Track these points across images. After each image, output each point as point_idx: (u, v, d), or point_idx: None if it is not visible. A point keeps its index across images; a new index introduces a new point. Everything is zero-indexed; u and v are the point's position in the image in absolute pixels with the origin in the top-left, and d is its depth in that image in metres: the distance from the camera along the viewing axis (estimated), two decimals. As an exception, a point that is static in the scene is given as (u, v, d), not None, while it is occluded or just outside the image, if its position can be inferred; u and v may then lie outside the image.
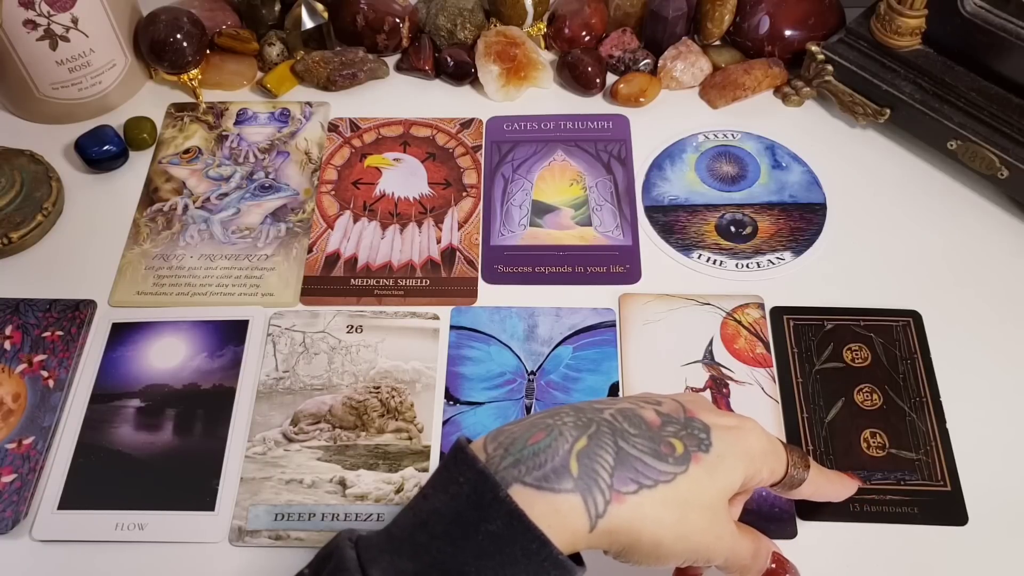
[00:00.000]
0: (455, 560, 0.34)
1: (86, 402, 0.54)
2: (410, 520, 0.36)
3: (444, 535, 0.35)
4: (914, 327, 0.57)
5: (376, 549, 0.35)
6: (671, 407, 0.40)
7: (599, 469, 0.36)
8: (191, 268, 0.61)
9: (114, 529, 0.50)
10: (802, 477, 0.43)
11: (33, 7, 0.61)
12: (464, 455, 0.36)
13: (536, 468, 0.35)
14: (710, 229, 0.62)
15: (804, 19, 0.69)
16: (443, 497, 0.36)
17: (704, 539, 0.38)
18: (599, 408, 0.39)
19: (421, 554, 0.35)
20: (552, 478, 0.35)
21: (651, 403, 0.40)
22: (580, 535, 0.35)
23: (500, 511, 0.34)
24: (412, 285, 0.60)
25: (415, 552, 0.35)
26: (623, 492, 0.36)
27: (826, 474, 0.46)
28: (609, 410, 0.39)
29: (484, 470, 0.35)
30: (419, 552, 0.35)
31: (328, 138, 0.68)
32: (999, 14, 0.58)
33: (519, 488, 0.35)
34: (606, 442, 0.37)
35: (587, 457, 0.36)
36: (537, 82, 0.71)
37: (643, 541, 0.36)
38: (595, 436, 0.37)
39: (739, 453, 0.40)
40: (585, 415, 0.38)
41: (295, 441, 0.53)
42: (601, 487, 0.35)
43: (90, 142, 0.65)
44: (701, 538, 0.38)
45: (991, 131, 0.60)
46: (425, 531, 0.35)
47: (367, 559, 0.35)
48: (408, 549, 0.35)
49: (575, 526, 0.35)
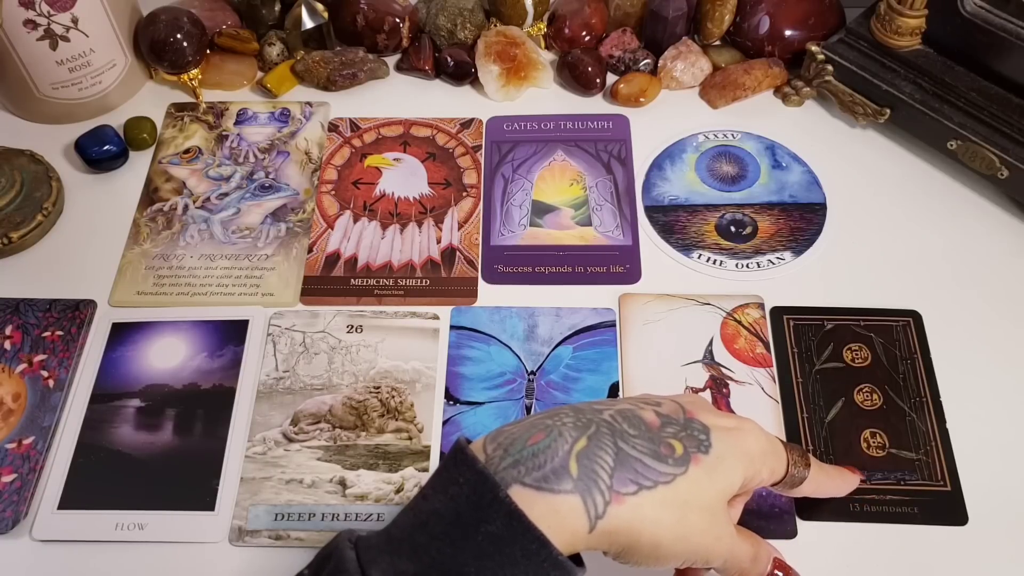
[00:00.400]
0: (455, 561, 0.34)
1: (86, 402, 0.54)
2: (410, 521, 0.36)
3: (444, 536, 0.35)
4: (914, 327, 0.57)
5: (376, 550, 0.35)
6: (670, 408, 0.40)
7: (599, 470, 0.36)
8: (191, 268, 0.61)
9: (114, 529, 0.50)
10: (803, 475, 0.43)
11: (33, 7, 0.61)
12: (464, 456, 0.36)
13: (536, 469, 0.35)
14: (710, 229, 0.62)
15: (804, 19, 0.69)
16: (443, 498, 0.36)
17: (703, 540, 0.38)
18: (598, 409, 0.39)
19: (421, 555, 0.35)
20: (552, 479, 0.35)
21: (651, 404, 0.40)
22: (579, 536, 0.35)
23: (500, 512, 0.34)
24: (412, 285, 0.60)
25: (415, 553, 0.35)
26: (623, 493, 0.36)
27: (827, 470, 0.46)
28: (609, 411, 0.39)
29: (484, 471, 0.35)
30: (419, 553, 0.35)
31: (328, 138, 0.68)
32: (999, 14, 0.58)
33: (519, 489, 0.35)
34: (606, 443, 0.37)
35: (587, 458, 0.36)
36: (537, 82, 0.71)
37: (642, 542, 0.36)
38: (595, 437, 0.37)
39: (738, 454, 0.40)
40: (585, 416, 0.38)
41: (295, 441, 0.53)
42: (601, 488, 0.35)
43: (90, 142, 0.65)
44: (700, 539, 0.38)
45: (991, 131, 0.60)
46: (425, 532, 0.35)
47: (367, 560, 0.35)
48: (408, 550, 0.35)
49: (575, 527, 0.35)
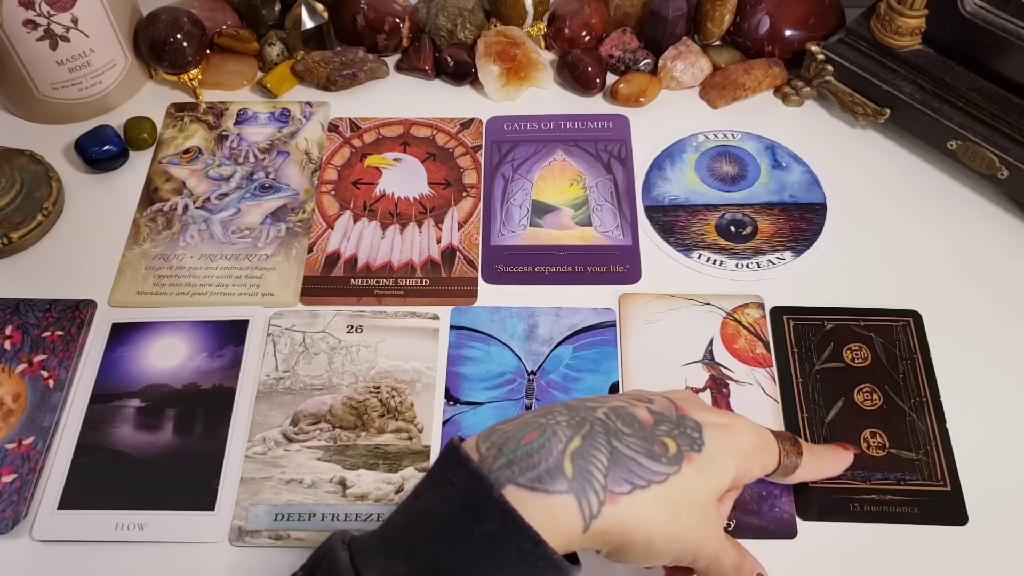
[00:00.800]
0: (449, 561, 0.34)
1: (86, 402, 0.54)
2: (403, 521, 0.36)
3: (437, 536, 0.35)
4: (914, 327, 0.57)
5: (369, 551, 0.35)
6: (663, 405, 0.40)
7: (593, 470, 0.36)
8: (191, 268, 0.61)
9: (114, 529, 0.50)
10: (796, 464, 0.43)
11: (33, 7, 0.61)
12: (457, 455, 0.36)
13: (530, 469, 0.35)
14: (710, 229, 0.62)
15: (804, 19, 0.69)
16: (436, 497, 0.36)
17: (694, 538, 0.38)
18: (592, 407, 0.39)
19: (414, 555, 0.35)
20: (546, 479, 0.35)
21: (643, 401, 0.40)
22: (574, 536, 0.35)
23: (494, 512, 0.34)
24: (412, 285, 0.60)
25: (408, 553, 0.35)
26: (617, 493, 0.36)
27: (820, 454, 0.46)
28: (602, 409, 0.39)
29: (477, 471, 0.35)
30: (412, 553, 0.35)
31: (328, 138, 0.68)
32: (999, 14, 0.58)
33: (513, 489, 0.35)
34: (600, 442, 0.37)
35: (581, 457, 0.36)
36: (537, 82, 0.71)
37: (635, 541, 0.36)
38: (589, 436, 0.37)
39: (731, 452, 0.40)
40: (578, 414, 0.38)
41: (295, 441, 0.53)
42: (595, 488, 0.35)
43: (90, 142, 0.65)
44: (691, 537, 0.38)
45: (991, 131, 0.60)
46: (418, 532, 0.35)
47: (360, 561, 0.35)
48: (401, 550, 0.35)
49: (569, 527, 0.35)
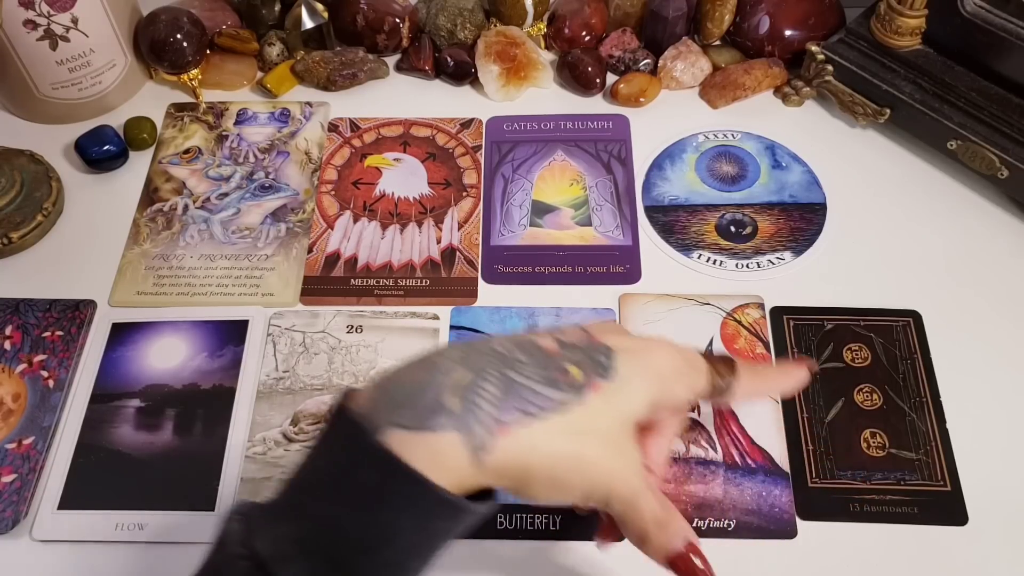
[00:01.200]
0: (332, 515, 0.32)
1: (86, 402, 0.54)
2: (291, 483, 0.34)
3: (320, 492, 0.33)
4: (914, 327, 0.57)
5: (261, 518, 0.33)
6: (575, 335, 0.37)
7: (480, 402, 0.33)
8: (191, 268, 0.61)
9: (114, 529, 0.50)
10: (729, 383, 0.40)
11: (33, 7, 0.61)
12: (340, 407, 0.34)
13: (411, 408, 0.33)
14: (710, 229, 0.62)
15: (804, 19, 0.69)
16: (320, 454, 0.34)
17: (602, 471, 0.35)
18: (492, 340, 0.36)
19: (299, 516, 0.33)
20: (428, 416, 0.33)
21: (554, 333, 0.37)
22: (466, 473, 0.33)
23: (373, 458, 0.32)
24: (412, 285, 0.60)
25: (294, 514, 0.33)
26: (509, 423, 0.33)
27: (762, 373, 0.43)
28: (503, 342, 0.36)
29: (354, 418, 0.33)
30: (297, 513, 0.33)
31: (328, 138, 0.68)
32: (999, 14, 0.58)
33: (395, 432, 0.32)
34: (491, 373, 0.34)
35: (470, 391, 0.33)
36: (537, 82, 0.71)
37: (536, 475, 0.34)
38: (480, 369, 0.34)
39: (645, 375, 0.37)
40: (474, 349, 0.35)
41: (295, 441, 0.53)
42: (483, 421, 0.33)
43: (90, 142, 0.65)
44: (599, 469, 0.35)
45: (991, 131, 0.60)
46: (303, 491, 0.34)
47: (251, 531, 0.33)
48: (288, 512, 0.33)
49: (457, 464, 0.33)
